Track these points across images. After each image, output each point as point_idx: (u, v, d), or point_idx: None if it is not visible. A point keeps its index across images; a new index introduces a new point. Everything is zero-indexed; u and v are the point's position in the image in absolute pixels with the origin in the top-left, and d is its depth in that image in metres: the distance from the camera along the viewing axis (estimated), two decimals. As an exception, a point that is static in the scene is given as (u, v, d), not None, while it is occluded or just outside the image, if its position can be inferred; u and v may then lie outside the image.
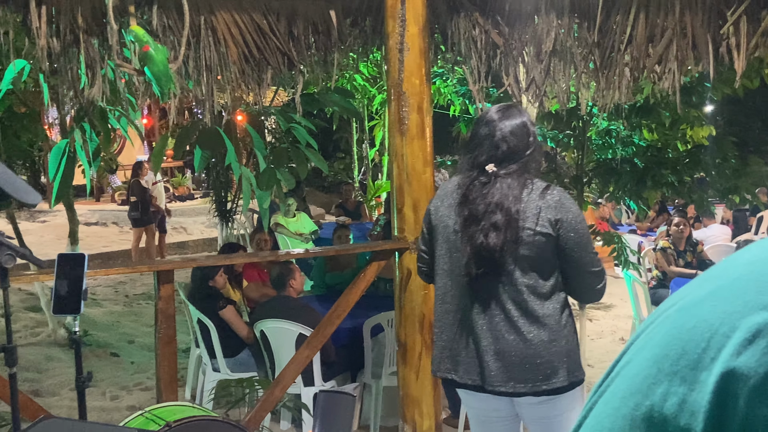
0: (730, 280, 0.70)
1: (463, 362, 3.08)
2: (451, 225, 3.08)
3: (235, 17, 4.69)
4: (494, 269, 2.96)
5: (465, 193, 3.05)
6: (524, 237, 2.95)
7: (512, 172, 3.00)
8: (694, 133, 7.72)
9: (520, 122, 3.07)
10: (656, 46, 4.80)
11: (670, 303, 0.75)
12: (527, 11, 4.97)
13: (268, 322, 5.38)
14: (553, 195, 3.00)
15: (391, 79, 4.54)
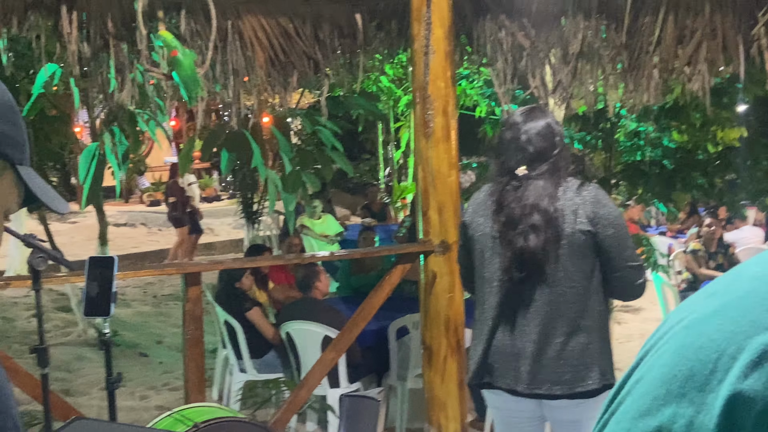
0: (736, 297, 0.71)
1: (497, 366, 3.09)
2: (489, 233, 3.08)
3: (261, 21, 4.75)
4: (536, 271, 2.97)
5: (498, 199, 3.06)
6: (565, 235, 2.95)
7: (543, 173, 3.01)
8: (725, 135, 7.66)
9: (544, 123, 3.08)
10: (686, 47, 4.79)
11: (678, 318, 0.77)
12: (554, 13, 4.97)
13: (293, 324, 5.42)
14: (589, 191, 3.01)
15: (417, 81, 4.57)
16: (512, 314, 3.04)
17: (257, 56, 4.77)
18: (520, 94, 6.71)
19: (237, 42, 4.66)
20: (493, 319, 3.09)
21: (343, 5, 4.99)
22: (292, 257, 6.14)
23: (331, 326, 5.24)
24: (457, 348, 4.60)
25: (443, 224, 4.55)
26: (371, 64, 6.50)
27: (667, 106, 6.99)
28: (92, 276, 3.01)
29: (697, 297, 0.79)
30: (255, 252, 6.75)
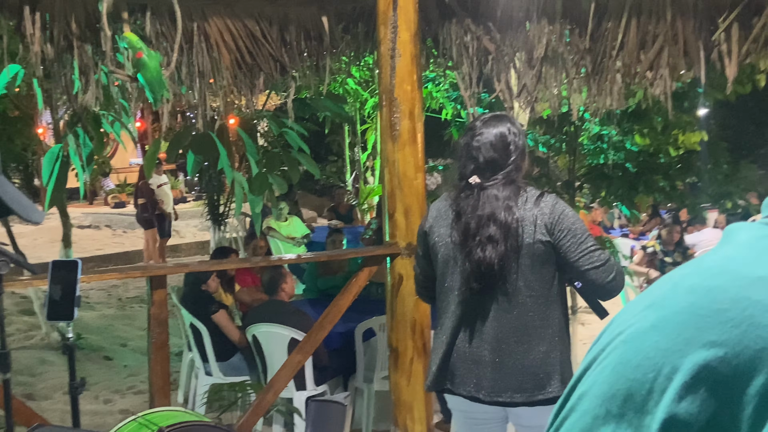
0: (672, 312, 0.71)
1: (458, 373, 3.09)
2: (450, 242, 3.07)
3: (227, 23, 4.72)
4: (495, 282, 2.96)
5: (456, 208, 3.06)
6: (525, 246, 2.94)
7: (497, 183, 2.99)
8: (686, 139, 7.74)
9: (497, 132, 3.03)
10: (648, 52, 4.84)
11: (617, 329, 0.77)
12: (519, 17, 5.00)
13: (260, 327, 5.40)
14: (546, 201, 2.99)
15: (383, 85, 4.57)
16: (473, 323, 3.04)
17: (223, 58, 4.74)
18: (485, 98, 6.74)
19: (203, 44, 4.63)
20: (453, 327, 3.08)
21: (309, 8, 4.98)
22: (258, 260, 6.11)
23: (298, 329, 5.22)
24: (423, 350, 4.60)
25: (410, 227, 4.55)
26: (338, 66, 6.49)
27: (629, 110, 7.06)
28: (55, 280, 2.96)
29: (636, 305, 0.79)
30: (221, 254, 6.70)
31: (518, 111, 7.75)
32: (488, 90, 5.89)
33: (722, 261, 0.76)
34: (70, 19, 4.32)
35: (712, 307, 0.69)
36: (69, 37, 4.34)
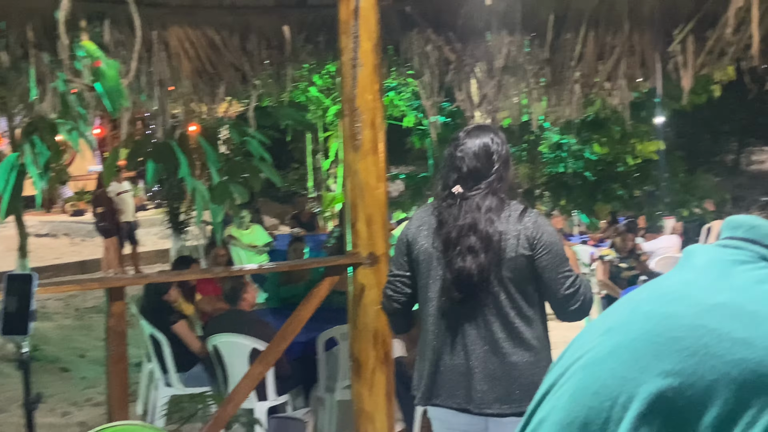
0: (629, 339, 0.71)
1: (446, 385, 3.07)
2: (433, 251, 3.06)
3: (187, 32, 4.68)
4: (475, 293, 2.95)
5: (438, 217, 3.05)
6: (507, 259, 2.94)
7: (479, 193, 3.00)
8: (644, 148, 7.85)
9: (480, 143, 3.04)
10: (605, 63, 4.89)
11: (576, 353, 0.77)
12: (479, 28, 5.03)
13: (221, 337, 5.35)
14: (530, 217, 3.00)
15: (345, 94, 4.55)
16: (457, 334, 3.03)
17: (183, 67, 4.70)
18: (447, 106, 6.77)
19: (163, 52, 4.59)
20: (438, 339, 3.07)
21: (270, 17, 4.96)
22: (219, 270, 6.06)
23: (260, 339, 5.18)
24: (385, 360, 4.58)
25: (371, 236, 4.53)
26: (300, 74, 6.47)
27: (588, 119, 7.15)
28: (10, 293, 2.90)
29: (595, 328, 0.79)
30: (182, 263, 6.63)
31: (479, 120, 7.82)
32: (449, 99, 5.91)
33: (680, 286, 0.76)
34: (27, 27, 4.26)
35: (668, 334, 0.69)
36: (25, 45, 4.27)
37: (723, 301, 0.71)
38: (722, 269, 0.76)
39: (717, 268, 0.77)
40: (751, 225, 0.80)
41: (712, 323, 0.68)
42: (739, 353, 0.65)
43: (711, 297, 0.72)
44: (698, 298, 0.72)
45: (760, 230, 0.79)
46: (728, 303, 0.70)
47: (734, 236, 0.81)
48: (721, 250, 0.80)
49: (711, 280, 0.75)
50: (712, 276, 0.76)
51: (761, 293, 0.71)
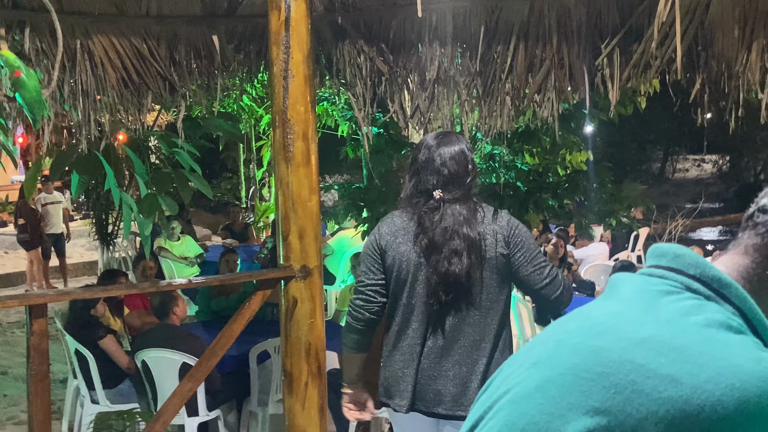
0: (557, 374, 0.70)
1: (418, 389, 3.13)
2: (414, 257, 3.11)
3: (113, 41, 4.58)
4: (462, 294, 3.04)
5: (419, 222, 3.12)
6: (487, 260, 3.05)
7: (459, 197, 3.10)
8: (573, 158, 7.98)
9: (458, 149, 3.15)
10: (535, 76, 4.95)
11: (504, 387, 0.75)
12: (411, 40, 5.04)
13: (150, 352, 5.24)
14: (503, 217, 3.14)
15: (276, 106, 4.50)
16: (438, 338, 3.10)
17: (109, 77, 4.59)
18: (380, 117, 6.77)
19: (87, 62, 4.48)
20: (418, 344, 3.12)
21: (199, 26, 4.88)
22: (147, 285, 5.92)
23: (190, 353, 5.10)
24: (318, 374, 4.54)
25: (304, 249, 4.49)
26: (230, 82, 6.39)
27: (519, 130, 7.22)
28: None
29: (522, 360, 0.77)
30: (109, 277, 6.48)
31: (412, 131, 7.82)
32: (382, 110, 5.91)
33: (607, 318, 0.75)
34: (-57, 35, 4.11)
35: (595, 369, 0.68)
36: (-59, 54, 4.12)
37: (650, 335, 0.70)
38: (649, 300, 0.76)
39: (644, 299, 0.76)
40: (676, 254, 0.80)
41: (639, 359, 0.68)
42: (666, 391, 0.65)
43: (638, 331, 0.71)
44: (625, 332, 0.72)
45: (684, 260, 0.79)
46: (655, 337, 0.70)
47: (659, 265, 0.81)
48: (647, 280, 0.80)
49: (638, 312, 0.75)
50: (639, 307, 0.76)
51: (688, 327, 0.71)
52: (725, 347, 0.68)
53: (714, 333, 0.70)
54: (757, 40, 4.31)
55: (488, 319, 3.08)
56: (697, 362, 0.66)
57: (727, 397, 0.63)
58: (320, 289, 4.59)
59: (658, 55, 4.46)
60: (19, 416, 6.42)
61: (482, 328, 3.07)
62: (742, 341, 0.70)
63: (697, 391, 0.64)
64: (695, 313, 0.73)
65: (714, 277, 0.76)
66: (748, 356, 0.67)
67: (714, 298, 0.75)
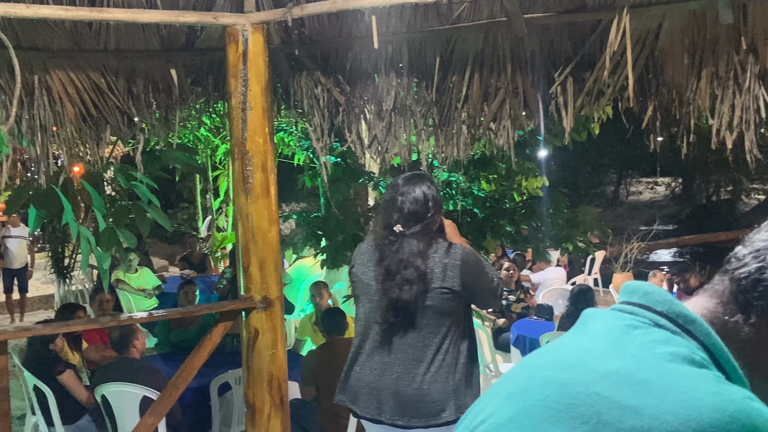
0: (528, 405, 0.74)
1: (364, 397, 3.51)
2: (372, 280, 3.52)
3: (71, 76, 4.57)
4: (407, 318, 3.39)
5: (380, 251, 3.51)
6: (431, 290, 3.38)
7: (416, 233, 3.45)
8: (529, 184, 8.06)
9: (419, 191, 3.51)
10: (491, 104, 5.01)
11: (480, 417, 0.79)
12: (368, 71, 5.10)
13: (109, 386, 5.19)
14: (456, 252, 3.45)
15: (235, 137, 4.53)
16: (380, 354, 3.48)
17: (67, 111, 4.58)
18: (337, 147, 6.80)
19: (45, 97, 4.47)
20: (365, 356, 3.54)
21: (157, 60, 4.89)
22: (107, 320, 5.88)
23: (150, 387, 5.07)
24: (280, 405, 4.54)
25: (264, 280, 4.50)
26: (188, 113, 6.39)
27: (475, 157, 7.29)
28: None
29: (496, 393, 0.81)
30: (67, 311, 6.41)
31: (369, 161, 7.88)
32: (340, 140, 5.95)
33: (576, 353, 0.78)
34: None
35: (564, 401, 0.71)
36: None
37: (616, 368, 0.73)
38: (617, 335, 0.79)
39: (612, 334, 0.79)
40: (646, 291, 0.84)
41: (605, 391, 0.70)
42: (629, 421, 0.67)
43: (605, 364, 0.74)
44: (593, 366, 0.75)
45: (653, 297, 0.82)
46: (621, 370, 0.73)
47: (630, 301, 0.84)
48: (618, 315, 0.83)
49: (606, 346, 0.78)
50: (607, 342, 0.79)
51: (652, 361, 0.74)
52: (686, 381, 0.71)
53: (677, 367, 0.73)
54: (705, 67, 4.42)
55: (427, 341, 3.40)
56: (659, 395, 0.69)
57: (684, 427, 0.65)
58: (282, 319, 4.61)
59: (611, 83, 4.55)
60: (-25, 455, 6.29)
61: (420, 349, 3.40)
62: (703, 375, 0.73)
63: (657, 421, 0.66)
64: (661, 347, 0.76)
65: (680, 314, 0.80)
66: (707, 389, 0.69)
67: (680, 333, 0.78)
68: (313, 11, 4.42)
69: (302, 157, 10.36)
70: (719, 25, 4.26)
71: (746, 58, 4.27)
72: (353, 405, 3.59)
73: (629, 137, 5.65)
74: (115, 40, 4.70)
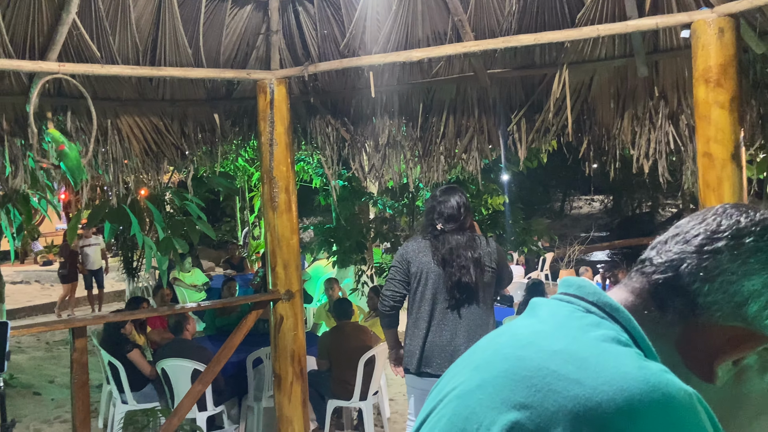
0: (493, 376, 0.73)
1: (437, 358, 3.54)
2: (434, 267, 3.61)
3: (136, 120, 4.57)
4: (469, 294, 3.56)
5: (432, 244, 3.64)
6: (485, 271, 3.60)
7: (454, 229, 3.61)
8: (493, 201, 8.06)
9: (456, 199, 3.67)
10: (462, 140, 5.01)
11: (452, 384, 0.78)
12: (367, 114, 5.09)
13: (168, 361, 5.16)
14: (491, 244, 3.73)
15: (264, 167, 4.53)
16: (447, 322, 3.57)
17: (133, 147, 4.57)
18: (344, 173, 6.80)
19: (116, 136, 4.45)
20: (428, 325, 3.59)
21: (204, 107, 4.90)
22: (165, 309, 5.86)
23: (199, 361, 5.03)
24: (300, 374, 4.52)
25: (288, 277, 4.49)
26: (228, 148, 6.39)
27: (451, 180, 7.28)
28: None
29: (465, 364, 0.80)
30: (135, 303, 6.38)
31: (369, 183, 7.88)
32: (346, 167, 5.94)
33: (529, 334, 0.78)
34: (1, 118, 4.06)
35: (521, 373, 0.71)
36: (0, 132, 4.07)
37: (561, 348, 0.73)
38: (560, 320, 0.79)
39: (556, 319, 0.79)
40: (579, 285, 0.83)
41: (553, 366, 0.70)
42: (573, 390, 0.67)
43: (552, 344, 0.74)
44: (543, 345, 0.74)
45: (585, 289, 0.82)
46: (565, 350, 0.72)
47: (567, 293, 0.84)
48: (559, 304, 0.83)
49: (552, 329, 0.77)
50: (552, 326, 0.78)
51: (588, 341, 0.74)
52: (616, 358, 0.70)
53: (608, 346, 0.73)
54: (627, 110, 4.42)
55: (483, 310, 3.60)
56: (596, 369, 0.68)
57: (618, 396, 0.65)
58: (301, 308, 4.59)
59: (554, 123, 4.55)
60: (63, 416, 6.25)
61: (480, 316, 3.58)
62: (629, 352, 0.72)
63: (596, 391, 0.66)
64: (594, 330, 0.75)
65: (606, 303, 0.79)
66: (632, 364, 0.69)
67: (607, 319, 0.78)
68: (324, 68, 4.43)
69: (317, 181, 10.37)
70: (637, 78, 4.28)
71: (658, 103, 4.28)
72: (427, 367, 3.56)
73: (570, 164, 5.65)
74: (171, 91, 4.70)
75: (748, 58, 3.89)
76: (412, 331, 3.66)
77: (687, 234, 0.82)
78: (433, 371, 3.56)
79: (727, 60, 3.22)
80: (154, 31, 4.22)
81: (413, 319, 3.68)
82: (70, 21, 3.80)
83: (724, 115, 3.21)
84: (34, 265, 17.49)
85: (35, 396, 7.03)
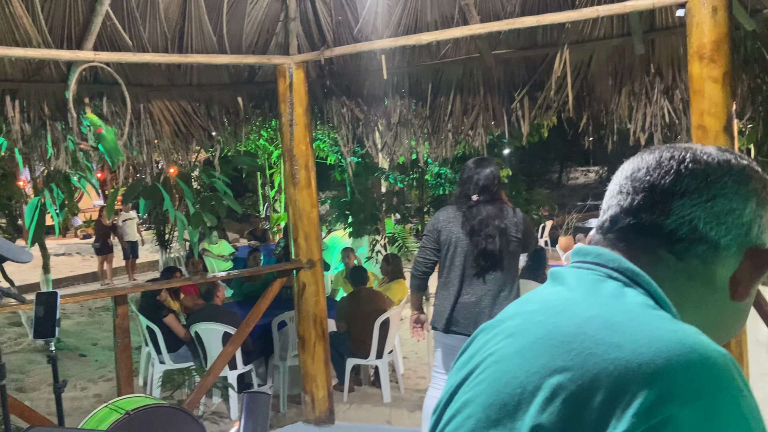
0: (530, 342, 0.72)
1: (464, 320, 3.51)
2: (462, 236, 3.53)
3: (167, 104, 4.56)
4: (494, 261, 3.50)
5: (464, 215, 3.55)
6: (511, 240, 3.53)
7: (487, 200, 3.52)
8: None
9: (489, 170, 3.55)
10: (469, 117, 4.97)
11: (488, 350, 0.76)
12: (379, 94, 5.05)
13: (200, 325, 5.22)
14: (518, 214, 3.64)
15: (285, 145, 4.52)
16: (474, 287, 3.53)
17: (164, 129, 4.57)
18: (359, 150, 6.78)
19: (148, 119, 4.45)
20: (457, 290, 3.54)
21: (228, 91, 4.88)
22: (197, 278, 5.91)
23: (229, 325, 5.08)
24: (322, 336, 4.56)
25: (309, 247, 4.51)
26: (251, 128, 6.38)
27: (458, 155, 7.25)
28: (39, 307, 2.77)
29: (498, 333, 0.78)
30: (168, 273, 6.43)
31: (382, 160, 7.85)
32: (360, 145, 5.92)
33: (561, 301, 0.76)
34: (43, 104, 4.07)
35: (559, 339, 0.69)
36: (42, 118, 4.08)
37: (595, 313, 0.71)
38: (588, 287, 0.76)
39: (584, 286, 0.77)
40: (598, 253, 0.81)
41: (590, 331, 0.68)
42: (613, 353, 0.66)
43: (586, 311, 0.72)
44: (576, 311, 0.72)
45: (605, 257, 0.80)
46: (599, 315, 0.71)
47: (585, 260, 0.81)
48: (582, 272, 0.80)
49: (582, 296, 0.75)
50: (582, 293, 0.76)
51: (620, 306, 0.72)
52: (650, 321, 0.69)
53: (640, 310, 0.71)
54: (624, 87, 4.37)
55: (508, 277, 3.54)
56: (632, 333, 0.67)
57: (657, 357, 0.64)
58: (321, 275, 4.62)
59: (555, 100, 4.50)
60: (107, 375, 6.36)
61: (505, 281, 3.52)
62: (661, 315, 0.71)
63: (635, 353, 0.65)
64: (621, 296, 0.74)
65: (628, 269, 0.77)
66: (667, 327, 0.68)
67: (629, 284, 0.76)
68: (339, 53, 4.39)
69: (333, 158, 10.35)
70: (634, 56, 4.21)
71: (654, 79, 4.22)
72: (455, 327, 3.54)
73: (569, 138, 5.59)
74: (197, 76, 4.68)
75: (740, 35, 3.82)
76: (442, 294, 3.64)
77: (674, 188, 0.79)
78: (459, 330, 3.56)
79: (720, 37, 3.16)
80: (181, 21, 4.19)
81: (443, 282, 3.66)
82: (104, 12, 3.78)
83: (717, 89, 3.16)
84: (75, 239, 17.66)
85: (81, 358, 7.15)
